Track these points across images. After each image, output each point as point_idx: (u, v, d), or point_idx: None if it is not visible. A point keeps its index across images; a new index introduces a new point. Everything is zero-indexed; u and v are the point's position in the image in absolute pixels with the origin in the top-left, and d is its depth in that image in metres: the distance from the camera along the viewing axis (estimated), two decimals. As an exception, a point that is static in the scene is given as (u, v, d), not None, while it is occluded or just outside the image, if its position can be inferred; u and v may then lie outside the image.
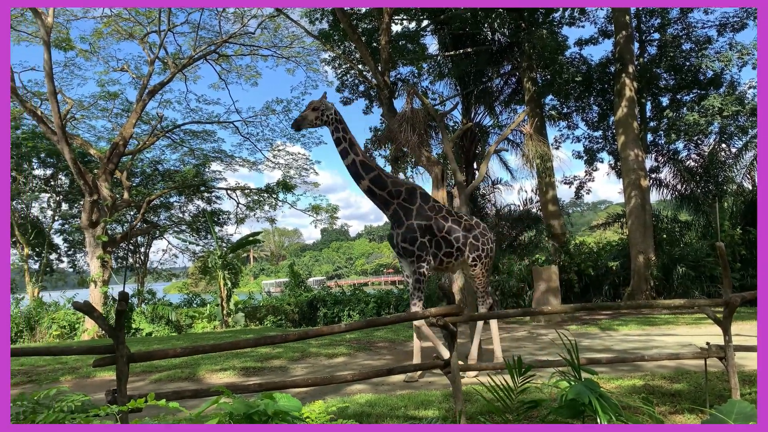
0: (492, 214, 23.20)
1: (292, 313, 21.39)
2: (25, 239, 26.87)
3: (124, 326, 5.35)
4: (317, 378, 6.74)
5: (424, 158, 13.55)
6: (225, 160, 28.55)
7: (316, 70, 24.70)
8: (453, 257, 8.97)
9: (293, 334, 6.54)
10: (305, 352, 11.84)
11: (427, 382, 8.73)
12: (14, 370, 10.94)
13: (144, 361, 5.85)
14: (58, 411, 4.03)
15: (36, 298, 23.71)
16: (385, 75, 14.66)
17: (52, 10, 18.37)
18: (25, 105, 20.09)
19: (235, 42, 23.04)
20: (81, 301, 5.47)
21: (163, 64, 22.87)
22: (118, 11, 21.76)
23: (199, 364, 10.67)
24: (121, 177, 22.29)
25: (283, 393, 4.11)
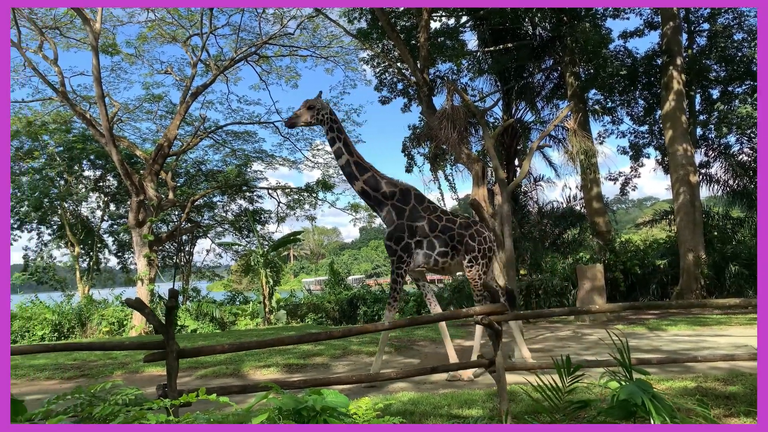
0: (534, 212, 22.85)
1: (333, 311, 21.53)
2: (76, 239, 27.83)
3: (173, 322, 5.48)
4: (361, 375, 6.77)
5: (464, 155, 13.43)
6: (266, 159, 28.96)
7: (354, 69, 24.83)
8: (448, 257, 8.76)
9: (338, 331, 6.57)
10: (346, 349, 11.89)
11: (470, 381, 8.65)
12: (67, 365, 11.32)
13: (192, 357, 5.96)
14: (113, 404, 4.14)
15: (86, 296, 24.52)
16: (424, 72, 14.59)
17: (100, 17, 18.95)
18: (75, 109, 20.80)
19: (274, 43, 23.31)
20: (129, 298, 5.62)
21: (205, 67, 23.33)
22: (161, 15, 22.30)
23: (242, 360, 10.83)
24: (166, 177, 22.84)
25: (330, 389, 4.14)
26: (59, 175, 27.81)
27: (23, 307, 21.57)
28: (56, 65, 20.05)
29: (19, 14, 18.80)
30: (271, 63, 24.65)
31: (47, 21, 20.87)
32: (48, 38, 20.27)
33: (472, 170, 13.26)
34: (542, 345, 12.09)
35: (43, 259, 29.11)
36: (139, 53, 23.86)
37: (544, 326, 15.45)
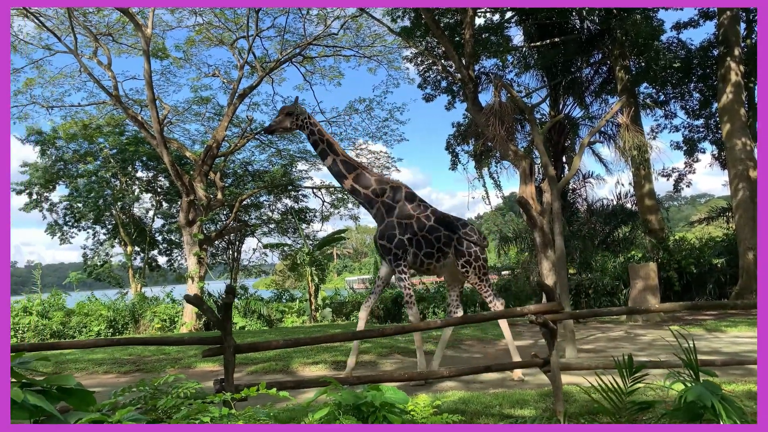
0: (583, 209, 22.34)
1: (377, 309, 21.55)
2: (129, 238, 28.76)
3: (231, 318, 5.57)
4: (413, 373, 6.75)
5: (511, 152, 13.22)
6: (310, 159, 29.22)
7: (397, 68, 24.80)
8: (434, 258, 8.61)
9: (390, 328, 6.56)
10: (393, 347, 11.88)
11: (521, 380, 8.52)
12: (123, 359, 11.67)
13: (249, 352, 6.05)
14: (175, 397, 4.24)
15: (139, 293, 25.29)
16: (469, 69, 14.43)
17: (151, 22, 19.51)
18: (128, 112, 21.47)
19: (318, 44, 23.49)
20: (180, 296, 5.77)
21: (251, 69, 23.70)
22: (208, 19, 22.77)
23: (291, 357, 10.94)
24: (214, 178, 23.34)
25: (386, 386, 4.12)
26: (113, 177, 28.80)
27: (81, 303, 22.41)
28: (110, 70, 20.72)
29: (75, 21, 19.50)
30: (314, 63, 24.87)
31: (101, 28, 21.60)
32: (102, 44, 20.97)
33: (519, 167, 13.04)
34: (593, 345, 11.82)
35: (99, 257, 30.23)
36: (188, 57, 24.44)
37: (595, 326, 15.10)
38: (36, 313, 20.81)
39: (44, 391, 2.79)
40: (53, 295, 22.48)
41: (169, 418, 3.96)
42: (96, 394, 3.07)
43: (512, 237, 23.12)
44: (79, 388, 2.96)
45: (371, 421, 3.81)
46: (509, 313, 7.13)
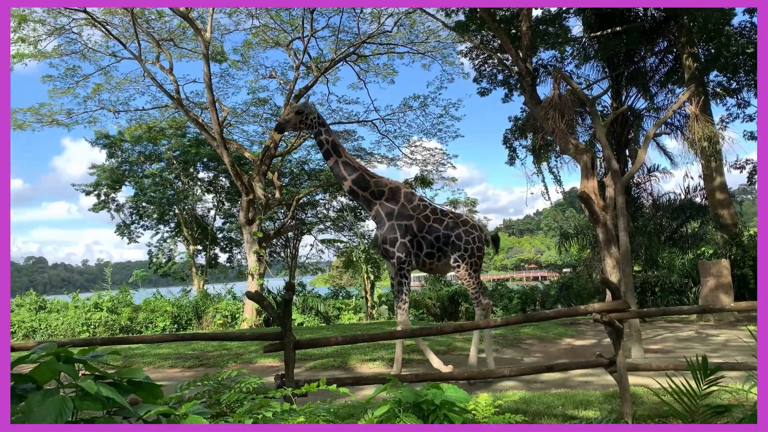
0: (648, 204, 21.45)
1: (434, 307, 21.45)
2: (192, 236, 29.74)
3: (291, 314, 5.63)
4: (473, 372, 6.63)
5: (571, 146, 12.83)
6: (364, 157, 29.34)
7: (452, 63, 24.53)
8: (435, 258, 8.70)
9: (448, 326, 6.47)
10: (451, 346, 11.76)
11: (583, 381, 8.26)
12: (187, 354, 12.02)
13: (308, 348, 6.10)
14: (238, 391, 4.31)
15: (201, 290, 26.11)
16: (526, 61, 14.09)
17: (210, 26, 20.06)
18: (189, 115, 22.17)
19: (372, 42, 23.55)
20: (240, 293, 5.90)
21: (306, 69, 24.01)
22: (264, 21, 23.21)
23: (349, 354, 10.98)
24: (272, 177, 23.79)
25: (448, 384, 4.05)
26: (176, 178, 29.85)
27: (147, 300, 23.35)
28: (171, 74, 21.44)
29: (139, 29, 20.27)
30: (368, 61, 24.94)
31: (163, 34, 22.37)
32: (164, 49, 21.72)
33: (580, 161, 12.63)
34: (661, 345, 11.35)
35: (164, 255, 31.42)
36: (245, 59, 24.99)
37: (662, 326, 14.51)
38: (106, 309, 21.82)
39: (115, 384, 2.87)
40: (121, 291, 23.53)
41: (233, 412, 4.02)
42: (162, 388, 3.14)
43: (573, 233, 22.51)
44: (147, 382, 3.03)
45: (431, 419, 3.76)
46: (571, 311, 6.91)
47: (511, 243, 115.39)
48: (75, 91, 23.32)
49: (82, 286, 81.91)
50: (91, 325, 21.06)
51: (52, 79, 22.80)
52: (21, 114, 22.68)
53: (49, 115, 23.12)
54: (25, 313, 21.63)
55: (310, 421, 3.64)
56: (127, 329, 21.39)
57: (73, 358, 2.85)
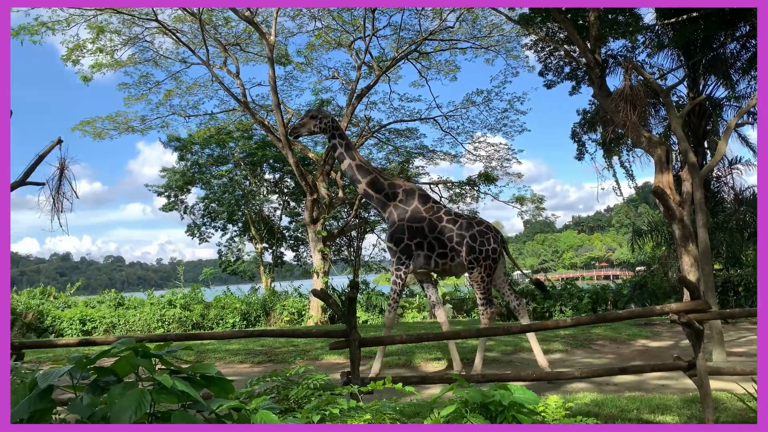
0: (730, 199, 20.24)
1: (499, 306, 21.07)
2: (260, 235, 30.55)
3: (355, 312, 5.66)
4: (542, 373, 6.47)
5: (644, 139, 12.26)
6: (427, 155, 29.22)
7: (516, 57, 23.98)
8: (447, 258, 8.68)
9: (515, 327, 6.32)
10: (518, 346, 11.54)
11: (660, 384, 7.91)
12: (256, 350, 12.32)
13: (373, 346, 6.13)
14: (305, 387, 4.37)
15: (269, 288, 26.78)
16: (595, 52, 13.58)
17: (274, 30, 20.52)
18: (255, 117, 22.77)
19: (434, 38, 23.38)
20: (306, 290, 5.98)
21: (368, 68, 24.14)
22: (327, 23, 23.51)
23: (413, 352, 10.96)
24: (336, 177, 24.07)
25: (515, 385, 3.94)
26: (244, 178, 30.72)
27: (218, 297, 24.20)
28: (238, 78, 22.07)
29: (207, 35, 20.98)
30: (430, 58, 24.79)
31: (229, 39, 23.07)
32: (231, 54, 22.39)
33: (653, 155, 12.05)
34: (746, 348, 10.70)
35: (233, 254, 32.44)
36: (309, 61, 25.38)
37: (747, 327, 13.68)
38: (179, 305, 22.77)
39: (189, 378, 2.95)
40: (193, 289, 24.49)
41: (300, 408, 4.08)
42: (233, 383, 3.21)
43: (647, 230, 21.58)
44: (219, 377, 3.10)
45: (499, 420, 3.70)
46: (647, 311, 6.60)
47: (581, 240, 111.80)
48: (148, 98, 24.46)
49: (157, 283, 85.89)
50: (165, 321, 22.02)
51: (127, 86, 23.98)
52: (100, 122, 23.97)
53: (125, 122, 24.33)
54: (106, 309, 22.87)
55: (376, 419, 3.64)
56: (198, 325, 22.23)
57: (150, 352, 2.95)
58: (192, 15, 20.17)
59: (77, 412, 2.71)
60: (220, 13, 21.87)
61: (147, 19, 20.56)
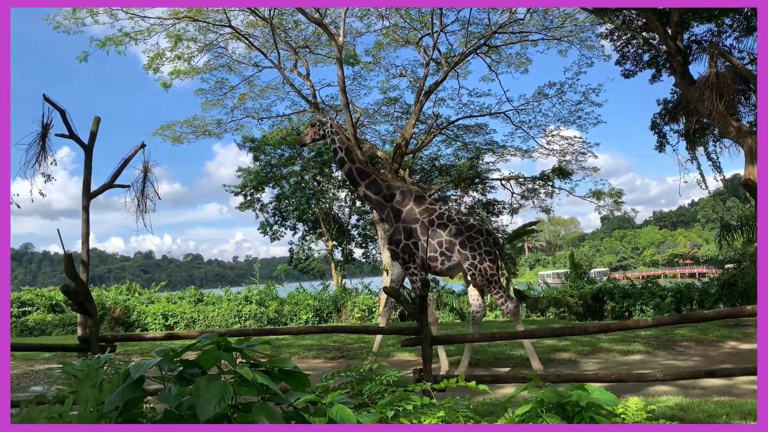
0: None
1: (576, 305, 20.48)
2: (330, 233, 31.09)
3: (426, 310, 5.65)
4: (621, 373, 6.22)
5: (733, 129, 11.56)
6: (497, 151, 28.72)
7: (590, 47, 23.08)
8: (438, 262, 8.79)
9: (592, 326, 6.12)
10: (595, 346, 11.15)
11: (752, 389, 7.41)
12: (329, 346, 12.55)
13: (445, 344, 6.10)
14: (379, 383, 4.41)
15: (340, 285, 27.21)
16: (676, 39, 12.93)
17: (342, 31, 20.78)
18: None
19: (504, 32, 22.95)
20: (376, 288, 6.06)
21: (436, 65, 24.01)
22: (394, 21, 23.57)
23: (485, 351, 10.83)
24: (404, 174, 24.12)
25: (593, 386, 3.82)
26: (313, 178, 31.34)
27: (291, 294, 24.86)
28: (308, 80, 22.53)
29: (278, 38, 21.54)
30: (500, 52, 24.34)
31: (299, 41, 23.59)
32: (301, 56, 22.88)
33: (743, 145, 11.35)
34: None
35: (304, 252, 33.17)
36: (377, 60, 25.55)
37: None
38: (255, 301, 23.55)
39: (268, 372, 3.05)
40: (268, 286, 25.26)
41: (374, 404, 4.11)
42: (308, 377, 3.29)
43: (736, 225, 20.29)
44: (296, 371, 3.18)
45: (576, 421, 3.61)
46: (738, 311, 6.22)
47: (663, 237, 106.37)
48: (223, 102, 25.43)
49: (233, 280, 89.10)
50: (241, 317, 22.84)
51: (204, 92, 25.04)
52: (178, 127, 25.16)
53: (201, 126, 25.40)
54: (186, 305, 23.99)
55: (450, 416, 3.64)
56: (273, 321, 22.91)
57: (231, 347, 3.07)
58: (263, 19, 20.77)
59: (166, 401, 2.86)
60: (290, 17, 22.40)
61: (221, 25, 21.34)
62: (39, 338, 20.04)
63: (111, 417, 2.84)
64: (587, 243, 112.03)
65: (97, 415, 2.84)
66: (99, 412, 2.85)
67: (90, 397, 2.90)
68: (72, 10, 18.83)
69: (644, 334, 12.10)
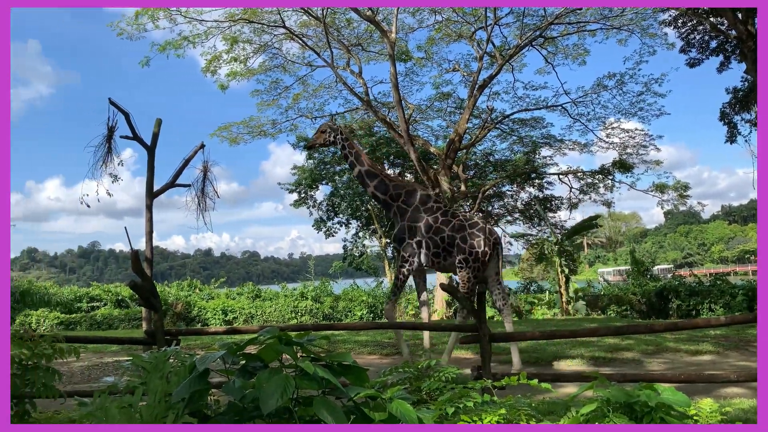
0: None
1: (639, 303, 19.78)
2: (382, 230, 31.20)
3: (485, 307, 5.56)
4: (690, 374, 5.95)
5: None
6: (554, 144, 28.06)
7: (652, 35, 22.12)
8: (441, 257, 9.17)
9: (659, 325, 5.88)
10: (660, 346, 10.72)
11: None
12: (384, 342, 12.54)
13: (503, 342, 5.98)
14: (437, 380, 4.37)
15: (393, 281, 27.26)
16: (747, 23, 12.25)
17: (395, 27, 20.74)
18: (377, 115, 23.21)
19: (560, 22, 22.37)
20: (429, 284, 6.03)
21: (490, 58, 23.66)
22: (447, 16, 23.34)
23: (544, 350, 10.61)
24: (457, 170, 23.90)
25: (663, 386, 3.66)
26: (367, 174, 31.46)
27: (345, 290, 25.12)
28: (360, 78, 22.62)
29: (331, 38, 21.72)
30: (557, 43, 23.73)
31: (351, 39, 23.71)
32: (353, 54, 23.00)
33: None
34: None
35: (357, 249, 33.43)
36: (429, 55, 25.39)
37: None
38: (310, 297, 23.91)
39: (328, 366, 3.06)
40: (323, 282, 25.60)
41: (432, 400, 4.08)
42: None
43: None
44: (355, 366, 3.19)
45: (646, 422, 3.47)
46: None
47: (732, 232, 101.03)
48: (278, 103, 25.88)
49: (288, 277, 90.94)
50: (298, 312, 23.24)
51: (259, 93, 25.55)
52: (235, 128, 25.78)
53: (257, 127, 25.93)
54: (245, 300, 24.61)
55: (511, 414, 3.56)
56: (328, 317, 23.20)
57: (292, 341, 3.09)
58: (316, 19, 20.99)
59: (231, 393, 2.92)
60: (342, 15, 22.54)
61: (275, 26, 21.70)
62: (106, 332, 20.99)
63: (178, 408, 2.91)
64: (650, 239, 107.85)
65: (165, 406, 2.92)
66: (167, 403, 2.93)
67: (158, 388, 2.98)
68: (135, 16, 19.59)
69: (713, 334, 11.56)
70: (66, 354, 3.64)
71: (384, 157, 30.52)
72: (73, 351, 3.89)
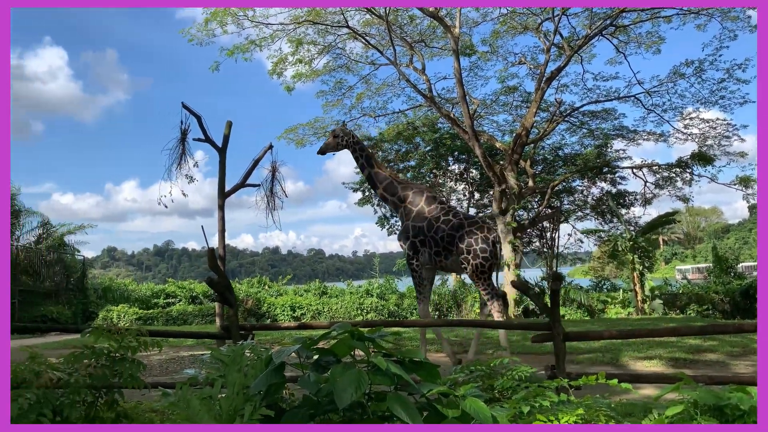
0: None
1: (722, 302, 18.73)
2: (447, 227, 30.97)
3: (558, 305, 5.40)
4: (785, 378, 5.54)
5: None
6: (627, 136, 26.99)
7: (734, 18, 20.82)
8: (442, 256, 9.34)
9: (750, 324, 5.52)
10: (747, 347, 10.13)
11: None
12: (451, 339, 12.47)
13: (577, 341, 5.80)
14: (510, 378, 4.27)
15: (459, 279, 27.05)
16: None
17: (458, 21, 20.54)
18: (441, 111, 23.04)
19: (632, 10, 21.45)
20: (497, 283, 5.98)
21: (558, 50, 23.03)
22: (512, 8, 22.87)
23: (620, 350, 10.26)
24: (525, 165, 23.41)
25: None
26: (430, 171, 31.34)
27: (410, 288, 25.12)
28: (423, 74, 22.54)
29: (393, 35, 21.74)
30: (628, 32, 22.79)
31: (414, 36, 23.65)
32: (416, 51, 22.94)
33: None
34: None
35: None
36: (494, 49, 24.99)
37: None
38: (375, 295, 24.08)
39: (400, 362, 3.04)
40: (387, 280, 25.73)
41: (505, 398, 3.99)
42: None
43: None
44: (427, 362, 3.16)
45: (738, 426, 3.26)
46: None
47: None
48: (342, 103, 26.19)
49: (353, 274, 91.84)
50: (363, 309, 23.45)
51: (324, 94, 25.96)
52: (301, 129, 26.31)
53: (322, 128, 26.35)
54: (312, 297, 25.10)
55: (588, 414, 3.44)
56: (393, 314, 23.30)
57: (364, 336, 3.10)
58: (379, 17, 21.08)
59: (306, 387, 2.96)
60: (405, 12, 22.52)
61: (338, 26, 21.97)
62: (182, 327, 21.92)
63: (255, 400, 2.97)
64: (732, 235, 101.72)
65: (243, 398, 2.99)
66: (245, 395, 3.00)
67: (236, 380, 3.06)
68: (204, 22, 20.33)
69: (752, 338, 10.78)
70: (150, 347, 3.80)
71: (448, 153, 30.30)
72: (157, 344, 4.06)
